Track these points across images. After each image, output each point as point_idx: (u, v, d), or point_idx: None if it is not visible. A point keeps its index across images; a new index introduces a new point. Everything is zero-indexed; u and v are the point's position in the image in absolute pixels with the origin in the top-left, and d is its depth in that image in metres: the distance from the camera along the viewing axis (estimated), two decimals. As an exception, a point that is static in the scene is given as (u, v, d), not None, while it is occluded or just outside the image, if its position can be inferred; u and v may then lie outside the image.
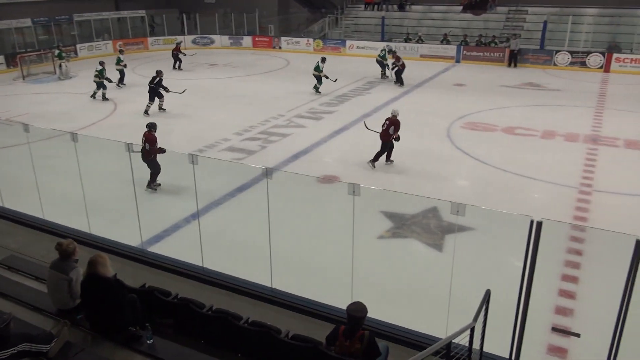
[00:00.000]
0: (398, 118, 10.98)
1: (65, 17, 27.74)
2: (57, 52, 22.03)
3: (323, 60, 18.06)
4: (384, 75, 20.83)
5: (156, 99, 15.62)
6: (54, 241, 5.00)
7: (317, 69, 17.91)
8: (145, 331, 4.51)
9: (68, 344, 4.31)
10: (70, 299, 4.83)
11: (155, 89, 15.43)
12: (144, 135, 9.62)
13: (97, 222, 7.97)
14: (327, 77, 17.74)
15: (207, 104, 16.98)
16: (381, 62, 20.83)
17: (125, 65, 19.63)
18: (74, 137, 7.50)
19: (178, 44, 23.98)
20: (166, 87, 15.50)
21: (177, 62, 23.10)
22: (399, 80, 19.61)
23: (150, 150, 9.50)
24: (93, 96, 17.67)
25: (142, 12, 30.56)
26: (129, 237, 7.56)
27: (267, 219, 6.27)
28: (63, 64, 21.65)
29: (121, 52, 20.53)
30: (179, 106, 16.68)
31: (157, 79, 15.41)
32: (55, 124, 13.75)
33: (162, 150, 9.56)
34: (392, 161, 11.31)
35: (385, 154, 11.21)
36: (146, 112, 15.42)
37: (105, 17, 29.49)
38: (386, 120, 11.09)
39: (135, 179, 7.52)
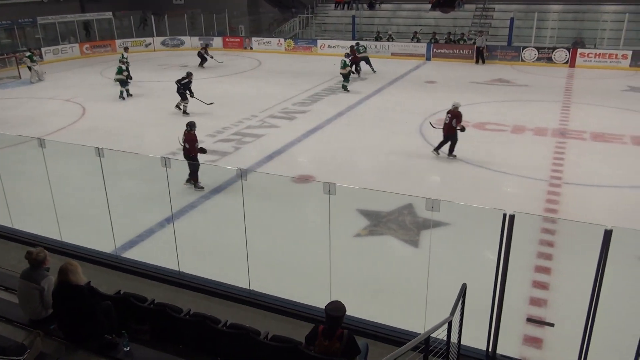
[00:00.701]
0: (459, 110, 11.12)
1: (29, 20, 27.05)
2: (28, 54, 21.52)
3: (347, 55, 18.63)
4: (373, 70, 21.35)
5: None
6: (24, 250, 4.88)
7: (344, 65, 18.18)
8: (122, 338, 4.44)
9: (42, 354, 4.21)
10: (42, 308, 4.72)
11: (181, 89, 15.36)
12: (184, 134, 9.82)
13: (68, 229, 7.79)
14: (353, 73, 18.31)
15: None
16: (365, 57, 21.18)
17: (127, 63, 19.33)
18: (41, 142, 7.32)
19: (206, 45, 24.76)
20: (192, 92, 15.43)
21: (203, 61, 23.47)
22: (357, 71, 20.99)
23: (190, 149, 9.69)
24: (122, 97, 17.63)
25: (108, 14, 30.00)
26: (102, 244, 7.42)
27: (243, 221, 6.23)
28: (34, 67, 21.15)
29: (126, 49, 20.17)
30: (150, 109, 16.45)
31: (186, 80, 15.35)
32: (21, 130, 13.41)
33: (203, 151, 9.87)
34: (455, 156, 11.37)
35: (449, 147, 11.35)
36: (184, 112, 15.41)
37: (71, 19, 28.85)
38: (448, 113, 11.24)
39: (106, 185, 7.37)
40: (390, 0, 30.38)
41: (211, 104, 15.57)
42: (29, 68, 21.13)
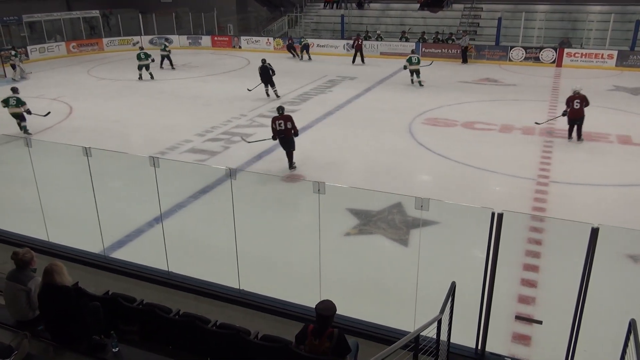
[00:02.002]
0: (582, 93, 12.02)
1: (14, 17, 26.70)
2: (13, 52, 21.29)
3: (413, 51, 19.48)
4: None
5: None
6: (10, 251, 4.81)
7: (416, 62, 18.67)
8: (110, 339, 4.40)
9: (29, 356, 4.16)
10: (29, 310, 4.66)
11: (263, 76, 17.02)
12: (282, 117, 10.48)
13: (55, 229, 7.71)
14: (427, 65, 19.15)
15: (167, 106, 16.69)
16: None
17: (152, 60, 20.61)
18: (28, 142, 7.24)
19: (294, 42, 26.05)
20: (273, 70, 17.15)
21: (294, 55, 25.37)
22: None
23: (293, 127, 10.45)
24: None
25: (95, 12, 29.73)
26: (90, 244, 7.36)
27: (233, 220, 6.21)
28: (17, 64, 20.93)
29: (141, 48, 20.11)
30: (139, 108, 16.34)
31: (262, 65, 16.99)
32: (6, 129, 13.23)
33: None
34: (583, 139, 12.28)
35: (578, 130, 12.28)
36: (276, 94, 17.29)
37: (57, 17, 28.54)
38: (576, 98, 12.01)
39: (94, 184, 7.31)
40: (379, 0, 30.45)
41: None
42: (12, 66, 20.90)
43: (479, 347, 5.20)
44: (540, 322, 5.70)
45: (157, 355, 4.45)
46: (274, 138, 10.75)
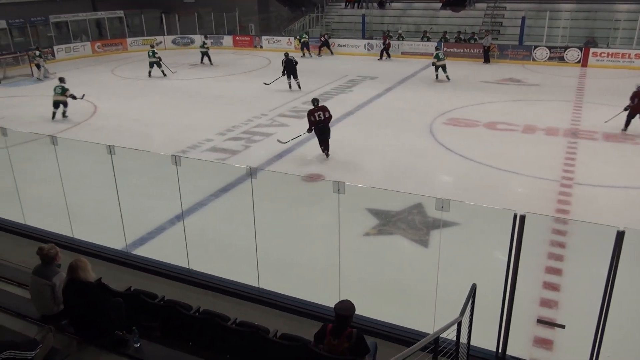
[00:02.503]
0: None
1: (42, 18, 27.28)
2: (37, 53, 21.76)
3: (437, 48, 20.49)
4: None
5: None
6: (36, 247, 4.92)
7: (442, 57, 19.42)
8: (132, 334, 4.46)
9: (53, 350, 4.25)
10: (54, 304, 4.76)
11: (288, 68, 18.08)
12: (320, 108, 11.27)
13: (79, 226, 7.85)
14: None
15: (188, 105, 16.86)
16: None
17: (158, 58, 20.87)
18: (53, 140, 7.38)
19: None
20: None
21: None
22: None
23: (330, 115, 11.33)
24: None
25: (120, 13, 30.18)
26: (113, 241, 7.47)
27: (253, 219, 6.24)
28: (42, 65, 21.38)
29: (152, 45, 20.50)
30: (161, 107, 16.54)
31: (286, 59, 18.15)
32: (33, 127, 13.55)
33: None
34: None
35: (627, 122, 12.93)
36: (299, 86, 18.44)
37: (83, 17, 29.07)
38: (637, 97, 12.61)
39: (117, 182, 7.42)
40: (400, -1, 30.31)
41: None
42: (37, 66, 21.34)
43: (500, 351, 5.14)
44: (563, 327, 5.60)
45: (178, 351, 4.50)
46: (309, 130, 11.43)
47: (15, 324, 4.75)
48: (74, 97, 14.93)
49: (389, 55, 24.96)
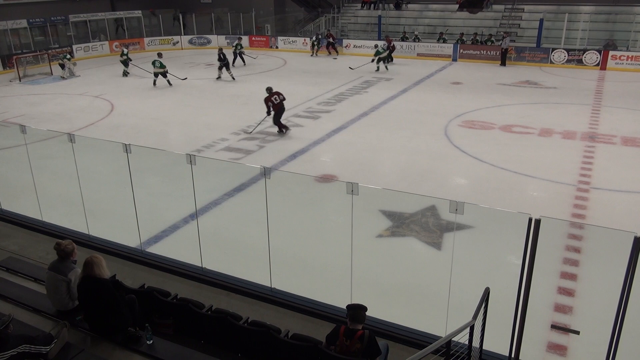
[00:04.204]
0: None
1: (61, 17, 27.69)
2: (68, 56, 22.21)
3: (376, 45, 21.23)
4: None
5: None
6: (53, 242, 4.99)
7: (381, 51, 20.83)
8: (145, 331, 4.51)
9: (68, 345, 4.31)
10: (69, 300, 4.83)
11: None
12: (275, 93, 12.91)
13: (95, 223, 7.95)
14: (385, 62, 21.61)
15: (204, 104, 16.97)
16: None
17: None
18: (71, 137, 7.49)
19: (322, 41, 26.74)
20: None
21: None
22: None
23: (284, 97, 13.11)
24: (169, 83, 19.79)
25: (138, 13, 30.50)
26: (128, 238, 7.55)
27: (266, 219, 6.26)
28: (68, 66, 21.74)
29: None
30: (176, 106, 16.67)
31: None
32: (52, 125, 13.76)
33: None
34: None
35: None
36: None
37: (101, 17, 29.44)
38: None
39: (132, 180, 7.50)
40: (417, 0, 30.16)
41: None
42: (61, 65, 21.66)
43: (513, 356, 5.09)
44: (577, 332, 5.54)
45: (190, 349, 4.53)
46: (268, 113, 13.14)
47: (31, 319, 4.82)
48: (164, 75, 19.04)
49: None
